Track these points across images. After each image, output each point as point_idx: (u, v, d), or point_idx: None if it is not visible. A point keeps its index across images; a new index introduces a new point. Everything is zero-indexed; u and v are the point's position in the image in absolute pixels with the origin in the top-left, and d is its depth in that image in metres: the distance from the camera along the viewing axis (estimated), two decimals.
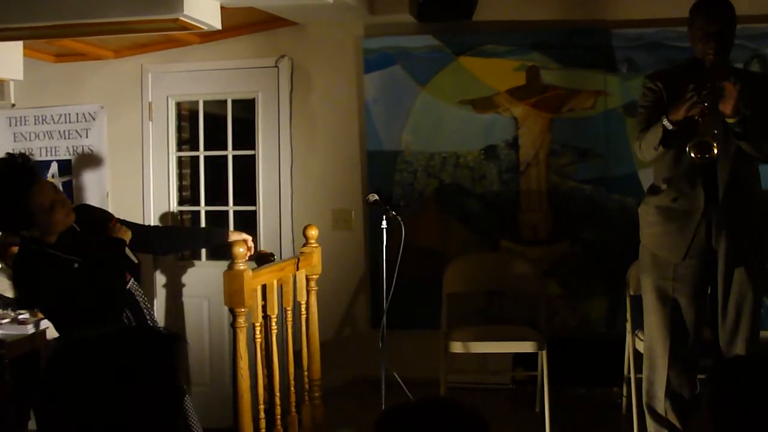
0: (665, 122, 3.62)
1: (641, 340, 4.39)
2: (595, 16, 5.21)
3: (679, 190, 3.78)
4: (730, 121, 3.55)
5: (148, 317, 3.62)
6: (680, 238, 3.79)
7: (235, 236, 3.85)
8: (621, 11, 5.17)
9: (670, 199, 3.81)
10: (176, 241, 4.02)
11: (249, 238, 3.88)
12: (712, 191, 3.70)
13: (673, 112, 3.61)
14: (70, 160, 6.01)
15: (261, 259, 4.39)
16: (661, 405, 3.90)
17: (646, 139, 3.76)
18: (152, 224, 4.48)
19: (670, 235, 3.84)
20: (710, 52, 3.69)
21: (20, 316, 4.60)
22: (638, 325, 4.50)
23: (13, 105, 6.09)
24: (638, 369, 4.39)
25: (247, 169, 5.79)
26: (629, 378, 4.57)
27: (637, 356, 4.45)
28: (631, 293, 4.60)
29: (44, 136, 6.04)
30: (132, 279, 3.62)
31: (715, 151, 3.50)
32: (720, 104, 3.52)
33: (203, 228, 4.62)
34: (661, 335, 3.87)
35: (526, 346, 4.67)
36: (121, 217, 3.64)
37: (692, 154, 3.52)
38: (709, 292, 3.88)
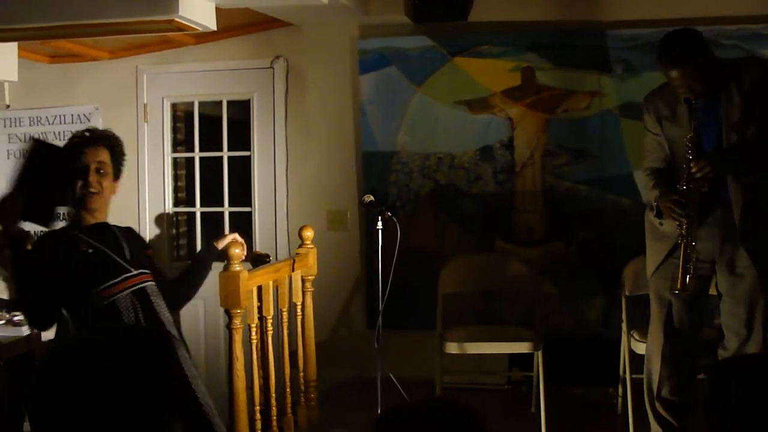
0: (654, 204, 3.82)
1: (637, 340, 4.40)
2: (590, 16, 5.21)
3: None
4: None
5: (159, 320, 3.38)
6: (656, 256, 3.88)
7: (223, 243, 3.75)
8: (616, 12, 5.17)
9: (658, 221, 3.86)
10: (183, 290, 3.71)
11: (235, 235, 3.80)
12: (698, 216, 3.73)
13: (661, 203, 3.76)
14: None
15: (256, 260, 4.38)
16: (656, 403, 3.92)
17: (647, 196, 4.00)
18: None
19: (650, 251, 3.95)
20: (685, 94, 3.66)
21: (15, 318, 4.59)
22: (633, 325, 4.51)
23: (8, 106, 6.08)
24: (634, 369, 4.40)
25: (242, 170, 5.78)
26: (625, 378, 4.57)
27: (633, 356, 4.46)
28: (627, 293, 4.60)
29: (39, 137, 6.02)
30: (153, 282, 3.41)
31: (681, 291, 3.72)
32: None
33: (195, 257, 4.26)
34: (656, 335, 3.90)
35: (522, 347, 4.67)
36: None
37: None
38: (716, 293, 3.89)
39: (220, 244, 3.70)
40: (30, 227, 3.27)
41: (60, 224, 3.37)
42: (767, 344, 3.79)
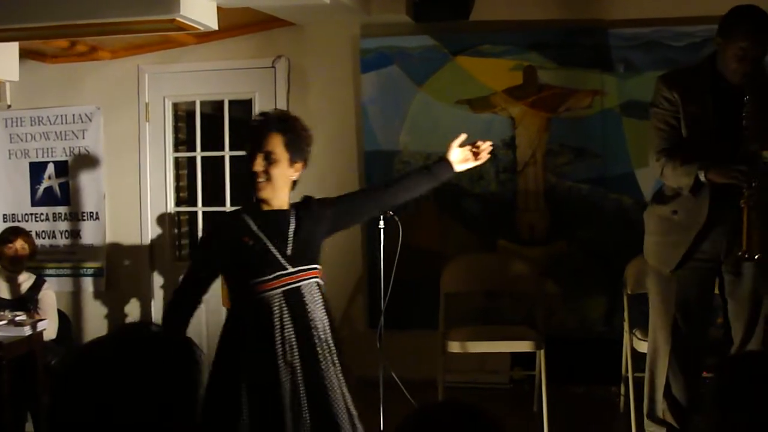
0: (702, 177, 3.55)
1: (639, 339, 4.39)
2: (592, 15, 5.21)
3: (681, 204, 3.73)
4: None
5: (313, 324, 3.15)
6: (674, 251, 3.76)
7: (453, 151, 3.46)
8: (618, 11, 5.17)
9: (670, 211, 3.78)
10: (389, 195, 3.50)
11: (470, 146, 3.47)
12: (719, 206, 3.66)
13: (714, 175, 3.53)
14: (66, 161, 6.00)
15: None
16: (660, 406, 3.91)
17: (672, 177, 3.69)
18: (369, 189, 4.07)
19: (665, 247, 3.83)
20: (742, 73, 3.55)
21: (17, 318, 4.59)
22: (636, 324, 4.51)
23: (9, 106, 6.08)
24: (636, 368, 4.39)
25: (244, 170, 5.76)
26: (627, 377, 4.56)
27: (635, 355, 4.45)
28: (629, 292, 4.59)
29: (40, 137, 6.04)
30: (313, 280, 3.21)
31: (758, 257, 3.54)
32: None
33: (426, 165, 3.75)
34: (663, 338, 3.85)
35: (524, 346, 4.67)
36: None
37: (745, 257, 3.57)
38: (718, 292, 3.87)
39: (452, 153, 3.45)
40: None
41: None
42: (767, 344, 3.79)
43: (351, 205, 3.44)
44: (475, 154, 3.50)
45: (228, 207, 5.80)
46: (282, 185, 3.22)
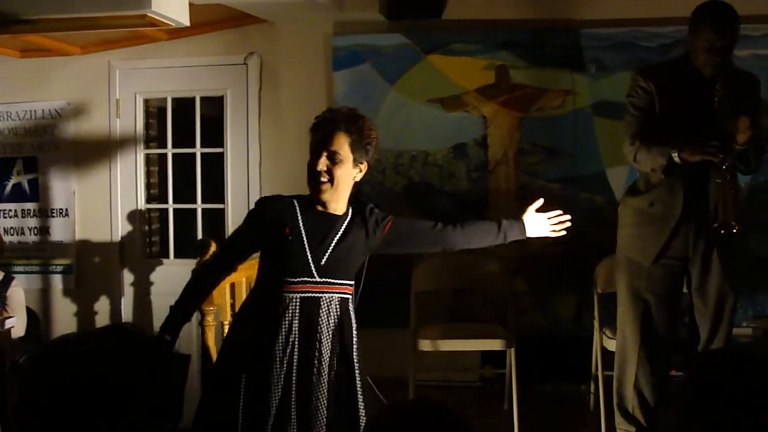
0: (675, 157, 3.57)
1: (609, 337, 4.42)
2: (564, 15, 5.23)
3: (657, 196, 3.78)
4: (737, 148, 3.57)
5: (322, 342, 3.10)
6: (652, 242, 3.80)
7: (533, 226, 3.52)
8: (590, 11, 5.20)
9: (647, 203, 3.81)
10: (457, 237, 3.37)
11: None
12: (692, 199, 3.71)
13: (688, 154, 3.56)
14: (35, 157, 5.94)
15: None
16: (630, 402, 3.93)
17: (646, 159, 3.71)
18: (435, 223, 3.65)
19: (643, 239, 3.85)
20: (711, 65, 3.63)
21: None
22: (606, 322, 4.53)
23: None
24: (606, 366, 4.42)
25: (215, 167, 5.76)
26: (597, 375, 4.59)
27: (605, 353, 4.48)
28: (599, 291, 4.62)
29: (9, 132, 5.97)
30: (339, 295, 3.17)
31: (736, 230, 3.54)
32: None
33: (500, 220, 3.58)
34: (632, 334, 3.88)
35: (495, 344, 4.67)
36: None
37: (721, 232, 3.56)
38: (685, 291, 3.90)
39: (528, 216, 3.48)
40: None
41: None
42: (729, 340, 3.83)
43: (409, 232, 3.33)
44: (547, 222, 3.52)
45: (199, 204, 5.77)
46: (344, 187, 3.12)
